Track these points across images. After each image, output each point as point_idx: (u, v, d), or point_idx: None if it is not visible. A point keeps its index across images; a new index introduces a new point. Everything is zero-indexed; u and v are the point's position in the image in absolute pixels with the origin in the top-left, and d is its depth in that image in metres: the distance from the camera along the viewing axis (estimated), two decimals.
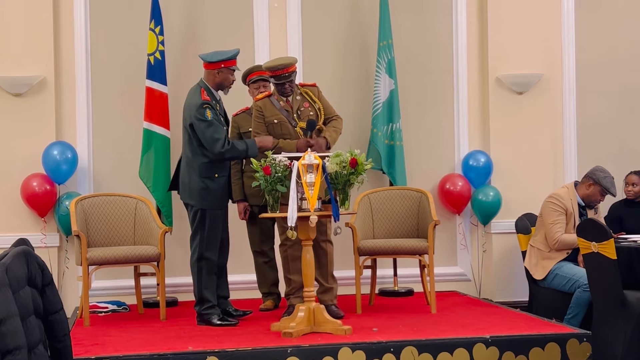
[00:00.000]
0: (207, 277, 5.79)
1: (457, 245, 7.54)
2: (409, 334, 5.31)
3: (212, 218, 5.79)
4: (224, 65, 5.79)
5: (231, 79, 5.85)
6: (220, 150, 5.67)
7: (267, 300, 6.51)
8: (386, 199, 6.73)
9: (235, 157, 5.85)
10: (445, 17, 7.57)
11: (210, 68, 5.81)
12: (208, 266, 5.79)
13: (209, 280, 5.79)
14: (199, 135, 5.70)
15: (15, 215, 6.80)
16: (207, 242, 5.78)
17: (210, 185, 5.77)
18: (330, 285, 6.00)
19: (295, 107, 6.01)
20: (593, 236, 5.43)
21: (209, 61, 5.81)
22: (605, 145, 7.67)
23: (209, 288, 5.79)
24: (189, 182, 5.81)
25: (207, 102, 5.70)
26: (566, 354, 5.19)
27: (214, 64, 5.79)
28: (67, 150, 6.77)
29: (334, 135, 6.02)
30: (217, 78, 5.80)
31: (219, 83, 5.82)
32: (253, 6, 7.29)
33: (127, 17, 7.15)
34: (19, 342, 2.92)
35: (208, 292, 5.79)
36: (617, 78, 7.74)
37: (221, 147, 5.66)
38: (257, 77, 6.52)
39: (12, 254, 3.17)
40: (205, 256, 5.78)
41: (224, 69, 5.80)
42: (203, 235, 5.77)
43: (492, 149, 7.44)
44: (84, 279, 5.95)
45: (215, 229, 5.81)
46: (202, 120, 5.67)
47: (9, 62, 6.84)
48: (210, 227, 5.78)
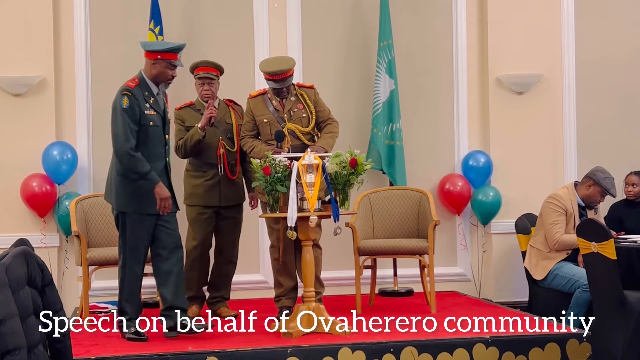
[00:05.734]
0: (128, 287, 5.34)
1: (457, 246, 7.54)
2: (409, 334, 5.31)
3: (132, 224, 5.29)
4: (160, 57, 5.34)
5: (169, 73, 5.39)
6: (123, 148, 5.18)
7: (192, 305, 6.13)
8: (386, 199, 6.73)
9: (132, 168, 5.20)
10: (445, 17, 7.57)
11: (147, 57, 5.38)
12: (131, 276, 5.33)
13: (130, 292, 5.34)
14: (111, 124, 5.28)
15: (14, 216, 6.80)
16: (129, 250, 5.33)
17: (128, 185, 5.26)
18: (317, 290, 5.97)
19: (287, 108, 5.98)
20: (593, 236, 5.43)
21: (146, 49, 5.39)
22: (605, 145, 7.67)
23: (130, 300, 5.35)
24: (109, 179, 5.38)
25: (127, 89, 5.28)
26: (566, 354, 5.19)
27: (150, 53, 5.36)
28: (66, 151, 6.76)
29: (329, 141, 5.97)
30: (153, 69, 5.36)
31: (156, 75, 5.37)
32: (253, 6, 7.29)
33: (127, 17, 7.15)
34: (19, 343, 2.92)
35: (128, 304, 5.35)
36: (617, 78, 7.73)
37: (124, 143, 5.18)
38: (204, 74, 6.18)
39: (12, 254, 3.16)
40: (128, 264, 5.33)
41: (161, 60, 5.34)
42: (124, 243, 5.32)
43: (492, 149, 7.44)
44: (84, 279, 5.95)
45: (137, 236, 5.30)
46: (114, 107, 5.26)
47: (9, 62, 6.84)
48: (132, 234, 5.30)
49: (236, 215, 6.25)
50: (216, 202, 6.11)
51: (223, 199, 6.12)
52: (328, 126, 6.04)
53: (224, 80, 6.42)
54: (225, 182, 6.12)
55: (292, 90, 6.05)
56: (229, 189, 6.14)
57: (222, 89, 6.42)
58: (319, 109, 6.05)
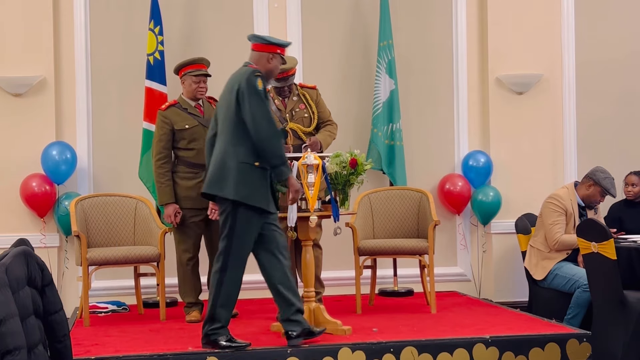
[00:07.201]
0: (226, 291, 4.95)
1: (457, 246, 7.54)
2: (409, 334, 5.32)
3: (249, 217, 4.89)
4: (279, 51, 5.10)
5: (279, 69, 5.20)
6: (270, 129, 4.79)
7: (193, 311, 6.09)
8: (386, 199, 6.73)
9: (278, 151, 4.85)
10: (445, 17, 7.57)
11: (263, 50, 5.06)
12: (233, 279, 4.97)
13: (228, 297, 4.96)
14: (246, 108, 4.84)
15: (14, 216, 6.80)
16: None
17: (250, 176, 4.88)
18: (317, 290, 5.97)
19: (289, 108, 5.99)
20: (593, 236, 5.43)
21: (267, 42, 5.09)
22: (605, 145, 7.66)
23: (226, 306, 4.95)
24: (219, 168, 4.90)
25: (258, 71, 4.93)
26: (566, 354, 5.19)
27: (270, 46, 5.07)
28: (66, 151, 6.76)
29: (328, 139, 6.01)
30: (269, 63, 5.04)
31: (271, 70, 5.06)
32: (253, 6, 7.29)
33: (127, 17, 7.15)
34: (19, 343, 2.92)
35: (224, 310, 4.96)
36: (617, 78, 7.73)
37: (270, 125, 4.81)
38: (201, 71, 6.08)
39: (12, 254, 3.16)
40: (230, 266, 4.93)
41: (278, 55, 5.09)
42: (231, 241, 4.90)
43: (492, 149, 7.44)
44: (84, 279, 5.95)
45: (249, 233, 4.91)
46: (248, 89, 4.83)
47: (9, 62, 6.84)
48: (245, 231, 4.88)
49: None
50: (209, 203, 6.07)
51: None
52: (327, 126, 6.10)
53: (223, 79, 6.40)
54: None
55: (294, 90, 6.07)
56: None
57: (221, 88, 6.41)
58: (319, 110, 6.09)
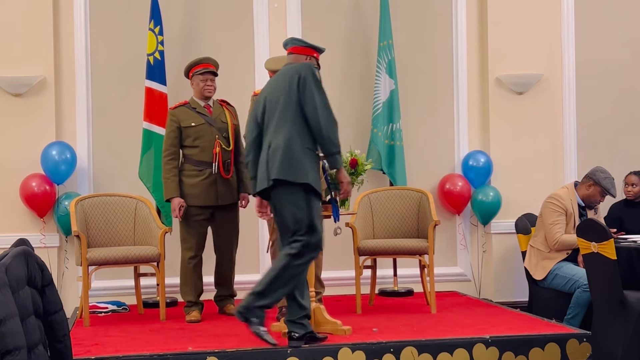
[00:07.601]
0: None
1: (457, 246, 7.54)
2: (409, 334, 5.31)
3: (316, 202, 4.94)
4: (316, 56, 5.27)
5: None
6: (331, 117, 4.88)
7: (193, 311, 6.07)
8: (386, 199, 6.73)
9: (336, 139, 4.91)
10: (445, 18, 7.57)
11: (302, 52, 5.21)
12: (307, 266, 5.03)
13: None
14: (307, 97, 4.91)
15: (14, 216, 6.80)
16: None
17: (313, 162, 4.94)
18: (317, 290, 5.97)
19: None
20: (593, 236, 5.43)
21: (307, 45, 5.24)
22: (605, 145, 7.67)
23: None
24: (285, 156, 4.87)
25: (315, 65, 5.09)
26: (566, 354, 5.19)
27: (310, 49, 5.24)
28: (65, 151, 6.76)
29: None
30: None
31: None
32: (253, 6, 7.29)
33: (127, 17, 7.15)
34: (19, 343, 2.92)
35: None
36: (617, 78, 7.73)
37: (331, 113, 4.89)
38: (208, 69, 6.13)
39: (12, 254, 3.16)
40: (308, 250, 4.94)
41: (315, 59, 5.24)
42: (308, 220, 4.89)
43: (492, 149, 7.44)
44: (84, 279, 5.95)
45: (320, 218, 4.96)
46: (307, 78, 4.93)
47: (9, 62, 6.83)
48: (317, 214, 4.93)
49: (232, 214, 6.24)
50: (213, 201, 6.09)
51: (220, 197, 6.10)
52: None
53: (224, 79, 6.42)
54: (221, 181, 6.11)
55: None
56: (224, 187, 6.12)
57: (222, 88, 6.43)
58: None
